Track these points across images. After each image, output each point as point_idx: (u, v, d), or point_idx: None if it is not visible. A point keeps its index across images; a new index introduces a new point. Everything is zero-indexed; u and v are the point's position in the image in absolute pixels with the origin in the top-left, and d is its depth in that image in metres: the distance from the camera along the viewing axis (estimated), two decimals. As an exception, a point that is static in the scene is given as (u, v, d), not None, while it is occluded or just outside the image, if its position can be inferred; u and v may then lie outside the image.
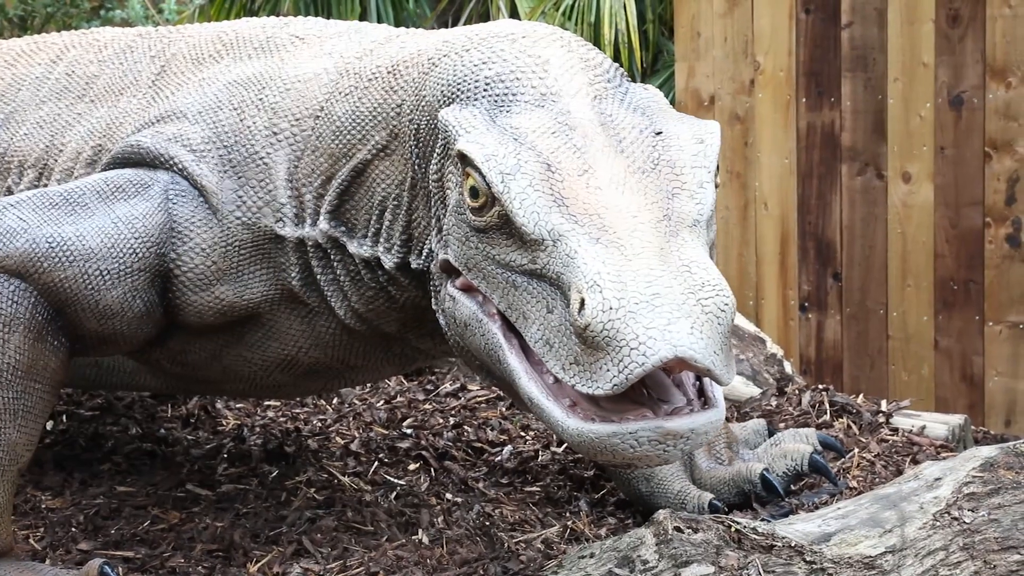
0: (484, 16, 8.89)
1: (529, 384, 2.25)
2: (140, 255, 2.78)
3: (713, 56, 5.65)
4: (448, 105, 2.52)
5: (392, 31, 3.05)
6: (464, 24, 8.91)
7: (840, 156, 5.31)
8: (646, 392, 2.20)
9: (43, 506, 3.41)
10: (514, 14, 8.46)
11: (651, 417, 2.16)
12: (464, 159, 2.34)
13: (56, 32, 3.84)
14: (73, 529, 3.27)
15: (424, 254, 2.65)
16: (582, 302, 2.10)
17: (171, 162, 2.88)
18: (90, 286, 2.73)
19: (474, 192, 2.32)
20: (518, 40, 2.57)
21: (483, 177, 2.29)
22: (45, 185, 3.16)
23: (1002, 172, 4.95)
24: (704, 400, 2.22)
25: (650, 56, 8.04)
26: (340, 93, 2.81)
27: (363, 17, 8.75)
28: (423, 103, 2.60)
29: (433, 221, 2.55)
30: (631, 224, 2.22)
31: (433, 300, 2.63)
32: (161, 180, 2.86)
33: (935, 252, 5.13)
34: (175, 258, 2.81)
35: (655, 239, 2.21)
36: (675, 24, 5.84)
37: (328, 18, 4.06)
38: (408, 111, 2.66)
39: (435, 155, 2.52)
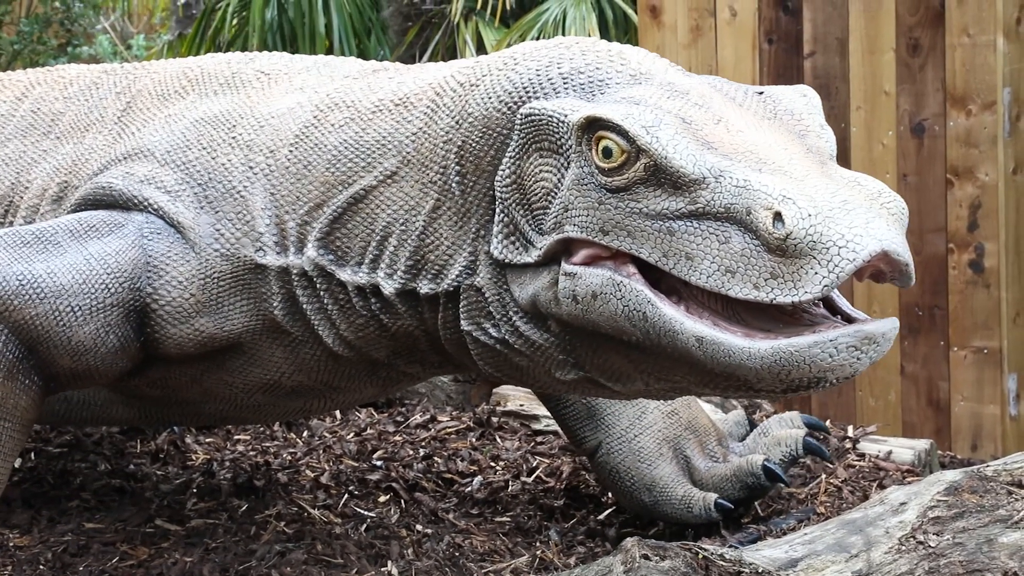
0: (451, 48, 8.94)
1: (696, 325, 2.25)
2: (113, 290, 2.78)
3: (678, 86, 5.68)
4: (514, 111, 2.53)
5: (363, 65, 3.07)
6: (431, 54, 8.96)
7: (804, 184, 5.35)
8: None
9: (11, 544, 3.40)
10: (481, 47, 8.51)
11: (846, 324, 2.22)
12: (595, 124, 2.34)
13: (22, 68, 3.85)
14: (41, 567, 3.26)
15: (451, 275, 2.63)
16: (777, 215, 2.15)
17: (145, 204, 2.87)
18: (62, 323, 2.73)
19: (608, 153, 2.33)
20: (572, 46, 2.60)
21: (624, 134, 2.31)
22: (11, 223, 3.16)
23: (964, 198, 4.99)
24: (842, 317, 2.28)
25: (616, 87, 8.09)
26: (331, 125, 2.81)
27: (329, 52, 8.78)
28: (470, 119, 2.60)
29: (496, 227, 2.54)
30: (785, 155, 2.30)
31: (464, 319, 2.62)
32: (135, 220, 2.86)
33: (900, 278, 5.15)
34: (151, 292, 2.80)
35: (813, 165, 2.30)
36: (640, 55, 5.89)
37: (295, 53, 4.08)
38: (440, 133, 2.65)
39: (506, 158, 2.52)
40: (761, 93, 2.50)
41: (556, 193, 2.44)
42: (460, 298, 2.63)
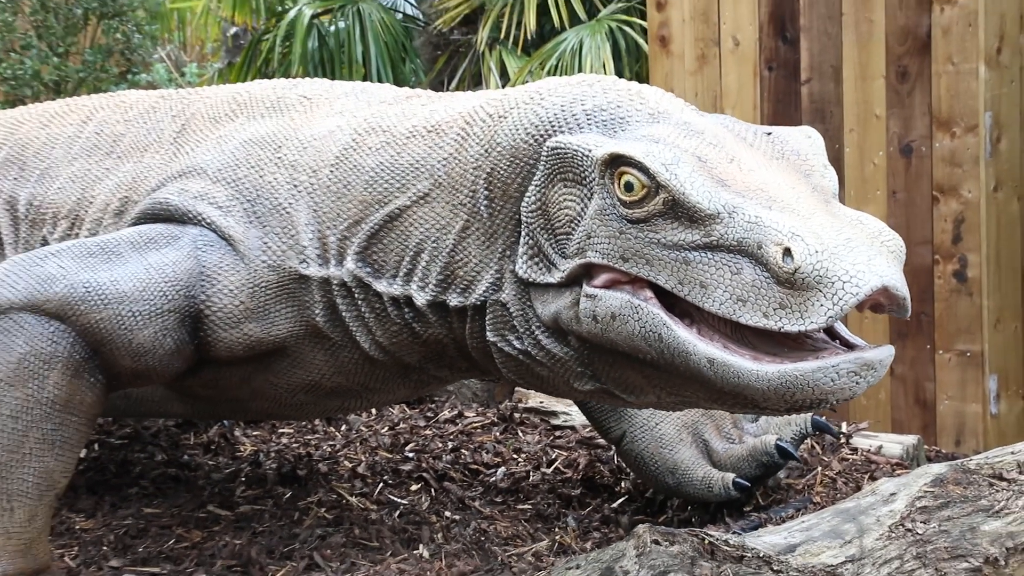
0: (477, 75, 8.94)
1: (708, 347, 2.24)
2: (170, 297, 2.79)
3: (685, 110, 5.68)
4: (540, 143, 2.52)
5: (397, 91, 3.07)
6: (459, 81, 8.97)
7: (802, 200, 5.33)
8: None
9: (77, 527, 3.42)
10: (504, 74, 8.51)
11: (848, 351, 2.21)
12: (618, 160, 2.34)
13: (87, 94, 3.86)
14: (104, 548, 3.28)
15: (478, 290, 2.63)
16: (786, 250, 2.14)
17: (199, 218, 2.88)
18: (124, 326, 2.74)
19: (629, 187, 2.32)
20: (594, 84, 2.59)
21: (645, 171, 2.30)
22: (77, 235, 3.17)
23: (948, 214, 4.98)
24: (842, 343, 2.27)
25: (628, 110, 8.07)
26: (368, 148, 2.80)
27: (366, 77, 8.79)
28: (498, 148, 2.59)
29: (521, 249, 2.53)
30: (793, 194, 2.29)
31: (490, 331, 2.62)
32: (190, 233, 2.86)
33: (889, 287, 5.14)
34: (205, 299, 2.81)
35: (818, 204, 2.29)
36: (650, 81, 5.88)
37: (334, 79, 4.10)
38: (470, 160, 2.64)
39: (532, 187, 2.51)
40: (769, 134, 2.49)
41: (579, 221, 2.43)
42: (486, 311, 2.62)
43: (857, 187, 5.19)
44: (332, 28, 9.17)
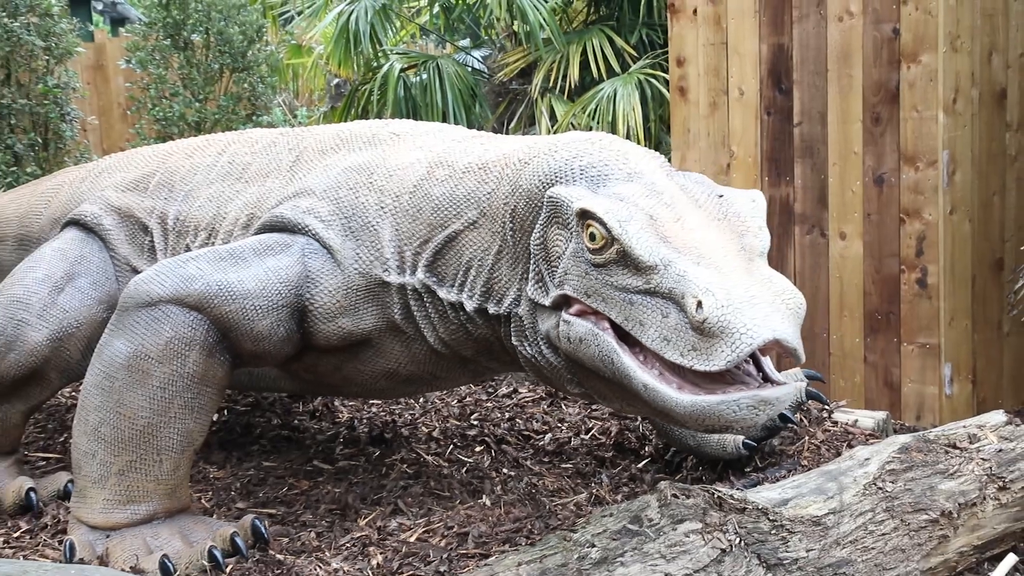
0: (531, 117, 8.92)
1: (644, 375, 2.22)
2: (283, 295, 2.79)
3: (699, 147, 5.65)
4: (549, 188, 2.49)
5: (466, 132, 3.06)
6: (517, 122, 8.96)
7: (794, 220, 5.30)
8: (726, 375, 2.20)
9: (210, 476, 3.44)
10: (553, 116, 8.49)
11: (749, 389, 2.16)
12: (585, 214, 2.32)
13: (221, 132, 3.88)
14: (232, 493, 3.30)
15: (506, 302, 2.61)
16: (699, 303, 2.10)
17: (306, 229, 2.89)
18: (247, 317, 2.75)
19: (593, 237, 2.30)
20: (596, 142, 2.54)
21: (604, 225, 2.27)
22: (213, 243, 3.19)
23: (913, 232, 4.92)
24: (763, 377, 2.21)
25: (652, 147, 8.04)
26: (436, 179, 2.79)
27: (443, 119, 8.81)
28: (520, 190, 2.56)
29: (530, 274, 2.51)
30: (721, 252, 2.24)
31: (513, 336, 2.60)
32: (299, 242, 2.87)
33: (864, 291, 5.10)
34: (309, 298, 2.82)
35: (740, 262, 2.24)
36: (671, 122, 5.85)
37: (417, 119, 4.11)
38: (503, 196, 2.62)
39: (538, 225, 2.48)
40: (721, 196, 2.42)
41: (563, 258, 2.41)
42: (511, 320, 2.62)
43: (839, 210, 5.15)
44: (416, 79, 9.20)
